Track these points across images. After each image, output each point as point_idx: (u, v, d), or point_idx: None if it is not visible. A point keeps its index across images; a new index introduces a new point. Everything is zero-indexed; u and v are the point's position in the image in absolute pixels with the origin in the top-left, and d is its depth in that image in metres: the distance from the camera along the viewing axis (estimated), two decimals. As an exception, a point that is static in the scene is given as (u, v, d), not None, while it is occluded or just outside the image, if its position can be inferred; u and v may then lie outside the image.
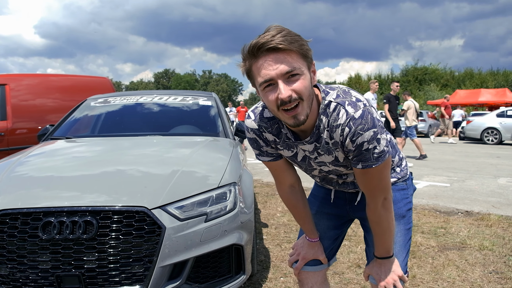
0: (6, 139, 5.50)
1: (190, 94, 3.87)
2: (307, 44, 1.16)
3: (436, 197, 5.30)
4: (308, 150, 1.35)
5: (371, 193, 1.34)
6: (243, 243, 2.18)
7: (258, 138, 1.41)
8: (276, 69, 1.12)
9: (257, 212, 4.52)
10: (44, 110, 6.02)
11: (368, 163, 1.24)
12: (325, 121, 1.24)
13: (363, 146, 1.20)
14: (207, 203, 2.10)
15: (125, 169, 2.34)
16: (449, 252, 3.21)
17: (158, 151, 2.73)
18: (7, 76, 6.12)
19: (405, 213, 1.54)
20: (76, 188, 2.07)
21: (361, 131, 1.18)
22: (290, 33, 1.12)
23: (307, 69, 1.17)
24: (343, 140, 1.23)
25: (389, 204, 1.35)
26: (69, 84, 6.55)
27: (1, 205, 1.92)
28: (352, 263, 2.96)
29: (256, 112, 1.39)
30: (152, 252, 1.89)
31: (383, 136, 1.22)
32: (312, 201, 1.74)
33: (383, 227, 1.38)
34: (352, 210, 1.62)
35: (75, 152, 2.76)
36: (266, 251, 3.22)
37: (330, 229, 1.68)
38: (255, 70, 1.16)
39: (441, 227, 3.92)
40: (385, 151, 1.23)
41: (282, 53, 1.11)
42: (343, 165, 1.36)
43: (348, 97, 1.24)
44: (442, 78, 35.64)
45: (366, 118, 1.18)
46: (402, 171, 1.56)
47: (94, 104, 3.68)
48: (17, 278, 1.89)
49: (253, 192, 2.55)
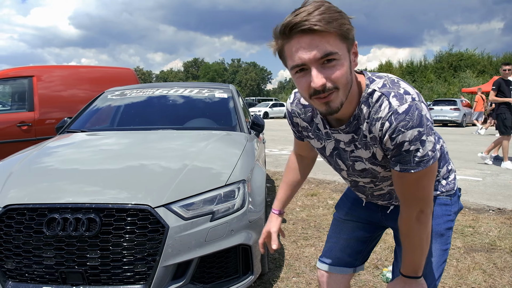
0: (34, 129, 5.62)
1: (206, 86, 3.80)
2: (349, 22, 1.01)
3: (466, 193, 5.04)
4: (344, 140, 1.21)
5: (406, 201, 1.18)
6: (251, 243, 2.11)
7: (289, 119, 1.38)
8: (310, 53, 0.98)
9: (276, 205, 4.44)
10: (74, 101, 6.12)
11: (407, 167, 1.09)
12: (366, 111, 1.11)
13: (403, 146, 1.05)
14: (213, 202, 2.03)
15: (133, 164, 2.30)
16: (476, 254, 3.03)
17: (167, 146, 2.69)
18: (34, 67, 6.25)
19: (444, 232, 1.36)
20: (82, 184, 2.06)
21: (403, 129, 1.03)
22: (329, 9, 0.97)
23: (346, 52, 1.02)
24: (381, 136, 1.09)
25: (426, 218, 1.17)
26: (98, 75, 6.66)
27: (9, 200, 1.93)
28: (370, 263, 2.84)
29: (297, 96, 1.32)
30: (155, 252, 1.85)
31: (429, 138, 1.05)
32: (343, 201, 1.64)
33: (413, 243, 1.21)
34: (384, 218, 1.48)
35: (87, 146, 2.75)
36: (281, 248, 3.14)
37: (359, 230, 1.55)
38: (287, 51, 1.03)
39: (469, 226, 3.72)
40: (429, 156, 1.07)
41: (318, 35, 0.97)
42: (381, 164, 1.20)
43: (395, 88, 1.09)
44: (478, 64, 34.10)
45: (412, 114, 1.03)
46: (449, 185, 1.37)
47: (111, 97, 3.68)
48: (23, 273, 1.90)
49: (264, 189, 2.46)
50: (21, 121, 5.51)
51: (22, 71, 5.94)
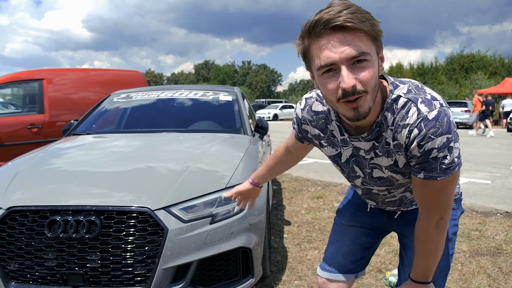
0: (44, 131, 5.70)
1: (211, 89, 3.82)
2: (379, 25, 0.97)
3: (474, 196, 4.98)
4: (364, 148, 1.17)
5: (427, 208, 1.15)
6: (251, 246, 2.12)
7: (298, 126, 1.32)
8: (341, 52, 0.93)
9: (282, 208, 4.44)
10: (85, 103, 6.19)
11: (433, 174, 1.05)
12: (390, 118, 1.06)
13: (431, 154, 1.02)
14: (213, 205, 2.04)
15: (135, 167, 2.32)
16: (481, 258, 2.99)
17: (169, 148, 2.70)
18: (45, 71, 6.35)
19: (451, 236, 1.36)
20: (84, 187, 2.08)
21: (433, 136, 1.00)
22: (359, 10, 0.94)
23: (376, 55, 0.98)
24: (408, 143, 1.04)
25: (444, 225, 1.16)
26: (108, 78, 6.75)
27: (12, 202, 1.96)
28: (373, 267, 2.82)
29: (308, 102, 1.26)
30: (155, 254, 1.87)
31: (456, 144, 1.03)
32: (346, 207, 1.60)
33: (430, 249, 1.19)
34: (390, 223, 1.46)
35: (91, 149, 2.78)
36: (284, 251, 3.13)
37: (363, 235, 1.53)
38: (314, 50, 0.98)
39: (476, 229, 3.67)
40: (455, 163, 1.04)
41: (350, 33, 0.92)
42: (401, 172, 1.17)
43: (421, 93, 1.04)
44: (490, 66, 33.63)
45: (442, 120, 0.99)
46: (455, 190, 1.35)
47: (117, 99, 3.72)
48: (26, 274, 1.92)
49: (266, 192, 2.46)
50: (31, 123, 5.59)
51: (33, 74, 6.04)
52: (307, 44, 1.00)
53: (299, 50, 1.03)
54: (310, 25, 0.96)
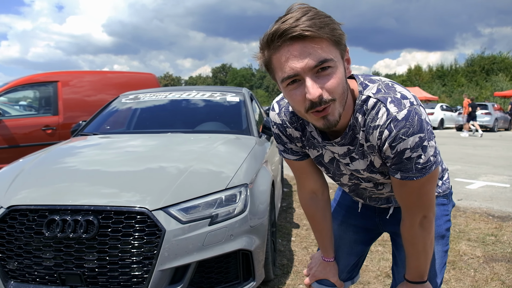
0: (58, 133, 5.77)
1: (219, 90, 3.79)
2: (340, 28, 0.93)
3: (491, 199, 4.82)
4: (338, 153, 1.14)
5: (408, 208, 1.13)
6: (252, 248, 2.07)
7: (282, 134, 1.22)
8: (302, 61, 0.89)
9: (291, 211, 4.38)
10: (100, 105, 6.27)
11: (409, 174, 1.02)
12: (362, 119, 1.03)
13: (404, 154, 0.98)
14: (213, 206, 2.01)
15: (136, 167, 2.31)
16: (495, 264, 2.87)
17: (172, 148, 2.68)
18: (60, 73, 6.44)
19: (444, 233, 1.32)
20: (83, 186, 2.07)
21: (404, 136, 0.96)
22: (318, 15, 0.90)
23: (340, 59, 0.95)
24: (380, 144, 1.01)
25: (429, 223, 1.13)
26: (124, 80, 6.82)
27: (13, 201, 1.97)
28: (381, 272, 2.74)
29: (282, 104, 1.19)
30: (152, 255, 1.84)
31: (431, 143, 0.99)
32: (336, 210, 1.54)
33: (417, 249, 1.17)
34: (382, 223, 1.42)
35: (96, 149, 2.79)
36: (290, 254, 3.08)
37: (357, 244, 1.49)
38: (276, 63, 0.94)
39: (492, 234, 3.54)
40: (431, 162, 1.01)
41: (310, 42, 0.89)
42: (380, 171, 1.14)
43: (391, 92, 1.00)
44: (512, 68, 32.88)
45: (412, 120, 0.96)
46: (444, 185, 1.33)
47: (125, 101, 3.73)
48: (25, 273, 1.92)
49: (269, 194, 2.41)
50: (46, 125, 5.67)
51: (48, 76, 6.13)
52: (267, 56, 0.96)
53: (261, 62, 0.99)
54: (268, 37, 0.92)
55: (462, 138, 14.27)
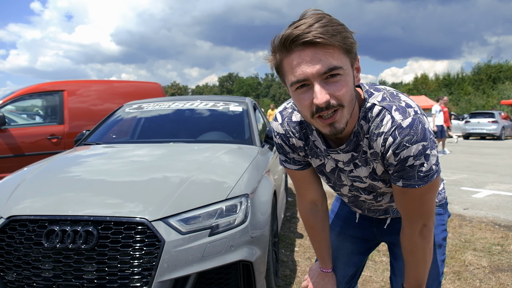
0: (63, 142, 5.81)
1: (222, 99, 3.80)
2: (352, 36, 0.95)
3: (498, 208, 4.76)
4: (343, 160, 1.15)
5: (409, 217, 1.14)
6: (253, 259, 2.05)
7: (284, 143, 1.23)
8: (312, 67, 0.91)
9: (295, 221, 4.35)
10: (105, 115, 6.33)
11: (411, 182, 1.03)
12: (366, 126, 1.05)
13: (408, 162, 1.00)
14: (213, 216, 1.99)
15: (137, 177, 2.30)
16: (501, 275, 2.82)
17: (174, 159, 2.68)
18: (66, 82, 6.49)
19: (441, 242, 1.35)
20: (83, 197, 2.07)
21: (408, 144, 0.98)
22: (331, 22, 0.91)
23: (350, 67, 0.97)
24: (384, 151, 1.03)
25: (428, 232, 1.15)
26: (131, 89, 6.87)
27: (12, 212, 1.97)
28: (386, 283, 2.70)
29: (285, 115, 1.21)
30: (151, 266, 1.82)
31: (433, 152, 1.01)
32: (334, 221, 1.55)
33: (417, 258, 1.19)
34: (380, 233, 1.43)
35: (98, 159, 2.79)
36: (293, 265, 3.05)
37: (355, 255, 1.50)
38: (286, 66, 0.96)
39: (498, 243, 3.49)
40: (433, 170, 1.02)
41: (322, 48, 0.91)
42: (382, 179, 1.15)
43: (396, 101, 1.03)
44: (519, 76, 32.67)
45: (416, 128, 0.98)
46: (440, 195, 1.35)
47: (129, 110, 3.74)
48: (23, 285, 1.91)
49: (270, 205, 2.40)
50: (51, 134, 5.70)
51: (55, 85, 6.18)
52: (279, 59, 0.98)
53: (272, 65, 1.01)
54: (280, 41, 0.94)
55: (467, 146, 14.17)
